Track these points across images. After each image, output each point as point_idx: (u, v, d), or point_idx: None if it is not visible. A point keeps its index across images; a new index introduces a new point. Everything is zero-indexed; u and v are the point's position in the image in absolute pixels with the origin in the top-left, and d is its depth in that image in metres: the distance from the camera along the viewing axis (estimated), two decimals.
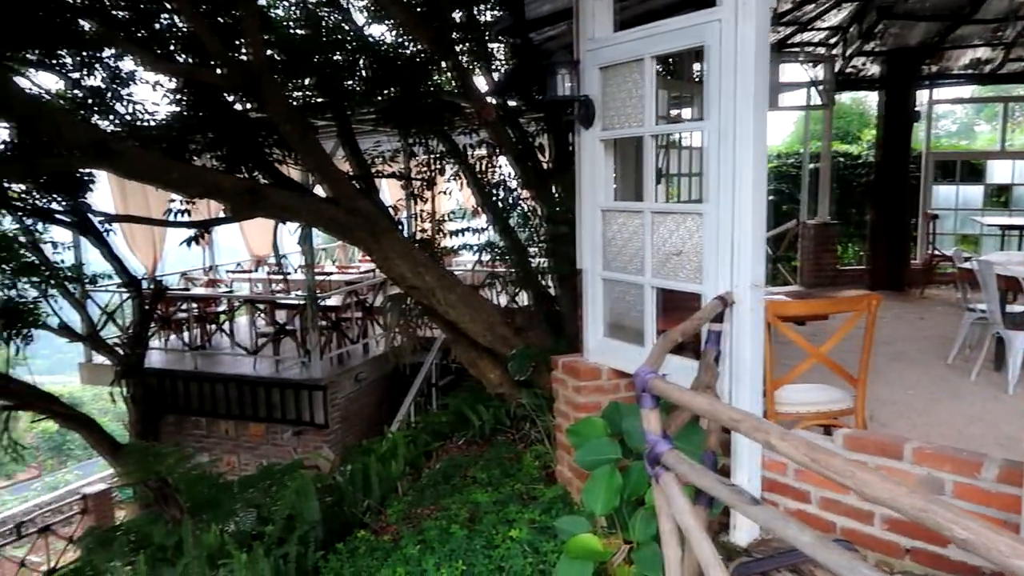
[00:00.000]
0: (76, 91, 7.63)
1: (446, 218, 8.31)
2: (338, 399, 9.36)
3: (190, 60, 7.15)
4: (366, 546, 5.22)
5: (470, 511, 4.88)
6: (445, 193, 8.46)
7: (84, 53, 7.22)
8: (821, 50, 9.05)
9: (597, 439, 3.42)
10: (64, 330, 9.89)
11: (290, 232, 7.80)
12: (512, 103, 7.22)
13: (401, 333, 7.63)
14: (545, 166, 7.18)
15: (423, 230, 7.85)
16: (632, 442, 3.35)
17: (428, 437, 7.45)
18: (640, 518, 3.08)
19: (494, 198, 7.48)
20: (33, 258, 9.17)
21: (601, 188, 3.98)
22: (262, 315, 10.72)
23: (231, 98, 7.46)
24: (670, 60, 6.49)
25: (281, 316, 10.54)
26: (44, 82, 8.68)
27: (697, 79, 6.11)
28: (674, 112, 6.19)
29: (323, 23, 7.58)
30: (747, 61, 3.05)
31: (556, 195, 6.78)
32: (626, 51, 3.68)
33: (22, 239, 8.98)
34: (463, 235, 7.59)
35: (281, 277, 12.52)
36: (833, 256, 9.90)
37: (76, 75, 7.42)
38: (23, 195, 8.49)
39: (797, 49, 8.78)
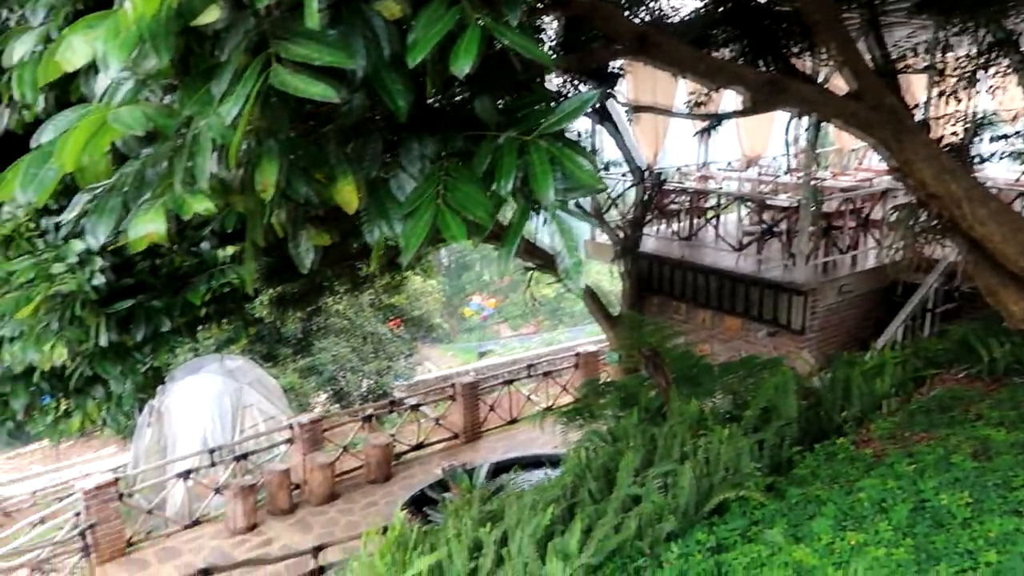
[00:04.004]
0: None
1: (983, 122, 7.17)
2: (818, 307, 9.09)
3: None
4: (845, 454, 5.14)
5: (975, 447, 4.41)
6: (987, 91, 7.24)
7: None
8: None
9: None
10: (576, 208, 11.35)
11: (803, 127, 7.54)
12: None
13: (905, 247, 7.00)
14: None
15: (954, 134, 6.90)
16: None
17: (919, 363, 6.90)
18: None
19: None
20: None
21: None
22: (749, 214, 10.80)
23: None
24: None
25: (767, 217, 10.50)
26: None
27: None
28: None
29: None
30: None
31: None
32: None
33: None
34: (1004, 142, 6.49)
35: (772, 178, 12.38)
36: None
37: None
38: (563, 86, 9.75)
39: None
